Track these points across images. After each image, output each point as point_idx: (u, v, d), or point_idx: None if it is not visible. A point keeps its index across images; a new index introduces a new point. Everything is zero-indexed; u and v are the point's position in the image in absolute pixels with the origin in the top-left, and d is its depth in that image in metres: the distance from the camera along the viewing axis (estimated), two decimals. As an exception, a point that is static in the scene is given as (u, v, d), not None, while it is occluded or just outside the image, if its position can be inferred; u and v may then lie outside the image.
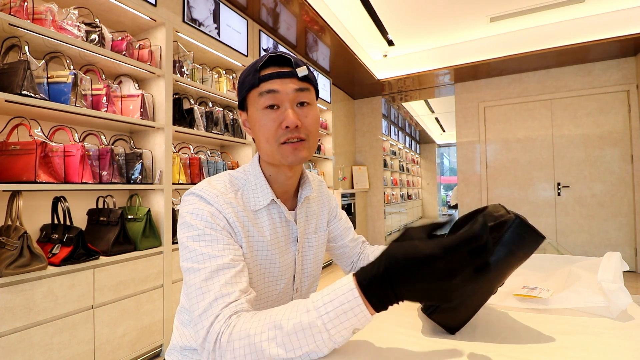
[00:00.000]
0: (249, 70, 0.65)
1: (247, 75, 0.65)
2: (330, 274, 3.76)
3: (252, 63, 0.67)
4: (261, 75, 0.62)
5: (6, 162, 1.36)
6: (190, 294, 0.53)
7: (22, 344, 1.26)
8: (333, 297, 0.44)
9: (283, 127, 0.62)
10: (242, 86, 0.66)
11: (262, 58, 0.64)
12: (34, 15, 1.44)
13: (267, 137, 0.63)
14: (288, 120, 0.61)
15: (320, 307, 0.44)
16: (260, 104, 0.63)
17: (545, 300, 0.63)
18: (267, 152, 0.65)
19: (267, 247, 0.66)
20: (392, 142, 6.86)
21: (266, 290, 0.67)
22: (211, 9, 2.36)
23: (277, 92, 0.62)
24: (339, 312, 0.43)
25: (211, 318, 0.49)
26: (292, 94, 0.62)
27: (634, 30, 3.23)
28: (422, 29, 3.61)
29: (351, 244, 0.87)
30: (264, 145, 0.64)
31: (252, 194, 0.67)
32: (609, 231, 3.79)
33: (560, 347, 0.47)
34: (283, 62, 0.64)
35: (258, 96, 0.63)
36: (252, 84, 0.63)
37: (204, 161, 2.27)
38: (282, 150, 0.63)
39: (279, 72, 0.62)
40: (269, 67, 0.63)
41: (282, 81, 0.62)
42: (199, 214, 0.59)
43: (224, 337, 0.47)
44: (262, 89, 0.62)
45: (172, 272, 1.90)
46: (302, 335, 0.43)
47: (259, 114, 0.63)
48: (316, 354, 0.44)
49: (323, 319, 0.43)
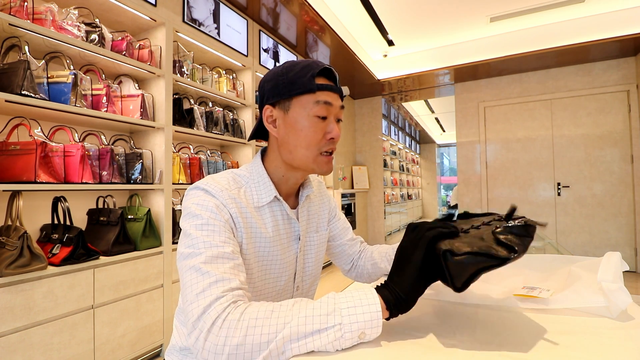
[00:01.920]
0: (301, 72, 0.64)
1: (300, 77, 0.63)
2: (330, 274, 3.76)
3: (300, 65, 0.65)
4: (319, 83, 0.63)
5: (6, 162, 1.36)
6: (188, 276, 0.52)
7: (22, 344, 1.26)
8: (359, 311, 0.47)
9: (327, 138, 0.65)
10: (292, 86, 0.64)
11: (315, 66, 0.64)
12: (34, 15, 1.44)
13: (308, 144, 0.65)
14: (334, 133, 0.66)
15: (343, 309, 0.47)
16: (313, 111, 0.63)
17: (545, 300, 0.63)
18: (302, 157, 0.66)
19: (269, 243, 0.66)
20: (392, 142, 6.86)
21: (266, 287, 0.67)
22: (211, 9, 2.36)
23: (330, 105, 0.65)
24: (360, 327, 0.46)
25: (211, 298, 0.48)
26: (338, 109, 0.67)
27: (634, 30, 3.23)
28: (422, 29, 3.61)
29: (349, 242, 0.88)
30: (302, 150, 0.65)
31: (255, 191, 0.67)
32: (609, 231, 3.79)
33: (560, 347, 0.47)
34: (332, 76, 0.67)
35: (314, 103, 0.63)
36: (308, 88, 0.63)
37: (204, 161, 2.27)
38: (319, 160, 0.66)
39: (333, 86, 0.65)
40: (322, 77, 0.65)
41: (333, 95, 0.65)
42: (204, 204, 0.59)
43: (232, 316, 0.46)
44: (319, 98, 0.63)
45: (172, 272, 1.90)
46: (317, 312, 0.47)
47: (308, 120, 0.64)
48: (325, 334, 0.45)
49: (341, 305, 0.47)
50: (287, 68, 0.66)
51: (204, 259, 0.52)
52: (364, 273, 0.86)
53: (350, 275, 0.89)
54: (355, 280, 0.89)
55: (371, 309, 0.47)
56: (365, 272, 0.85)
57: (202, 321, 0.46)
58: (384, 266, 0.81)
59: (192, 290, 0.50)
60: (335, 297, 0.49)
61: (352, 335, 0.45)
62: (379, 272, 0.82)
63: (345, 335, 0.45)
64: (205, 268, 0.51)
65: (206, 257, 0.53)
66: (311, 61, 0.66)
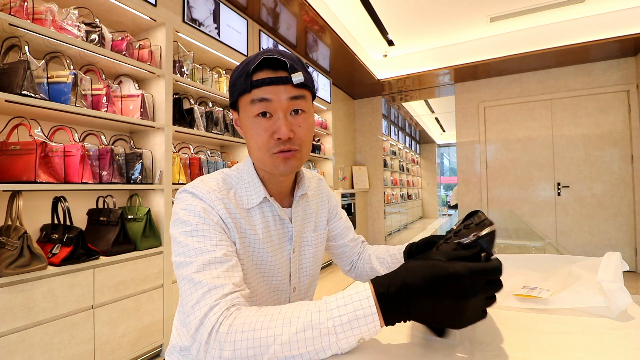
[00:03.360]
0: (241, 72, 0.61)
1: (239, 77, 0.61)
2: (330, 274, 3.75)
3: (244, 62, 0.61)
4: (253, 81, 0.58)
5: (6, 162, 1.36)
6: (182, 287, 0.52)
7: (22, 344, 1.26)
8: (348, 301, 0.44)
9: (275, 138, 0.60)
10: (233, 88, 0.62)
11: (255, 59, 0.59)
12: (34, 15, 1.44)
13: (258, 146, 0.61)
14: (280, 132, 0.58)
15: (333, 309, 0.44)
16: (251, 111, 0.60)
17: (545, 300, 0.63)
18: (258, 160, 0.64)
19: (260, 245, 0.65)
20: (392, 142, 6.86)
21: (261, 287, 0.67)
22: (211, 9, 2.36)
23: (269, 101, 0.58)
24: (351, 318, 0.43)
25: (205, 309, 0.48)
26: (285, 102, 0.59)
27: (634, 30, 3.23)
28: (422, 29, 3.61)
29: (351, 243, 0.87)
30: (256, 152, 0.63)
31: (245, 192, 0.66)
32: (609, 231, 3.79)
33: (560, 347, 0.47)
34: (277, 65, 0.59)
35: (250, 103, 0.59)
36: (243, 89, 0.59)
37: (204, 161, 2.27)
38: (273, 160, 0.62)
39: (273, 77, 0.58)
40: (262, 71, 0.59)
41: (275, 88, 0.58)
42: (192, 209, 0.59)
43: (222, 328, 0.46)
44: (253, 96, 0.59)
45: (172, 272, 1.90)
46: (309, 335, 0.43)
47: (250, 121, 0.60)
48: (317, 355, 0.44)
49: (334, 322, 0.43)
50: (235, 68, 0.63)
51: (196, 268, 0.52)
52: (363, 274, 0.85)
53: (350, 275, 0.89)
54: (356, 279, 0.89)
55: (360, 296, 0.44)
56: (364, 273, 0.85)
57: (199, 333, 0.47)
58: (382, 273, 0.80)
59: (187, 302, 0.50)
60: (327, 312, 0.45)
61: (349, 346, 0.44)
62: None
63: (343, 347, 0.44)
64: (197, 278, 0.51)
65: (197, 265, 0.52)
66: (254, 55, 0.60)
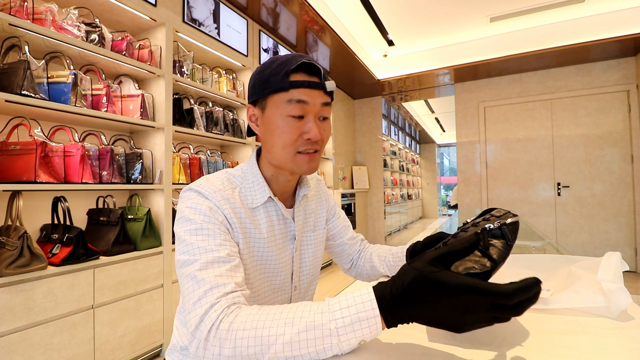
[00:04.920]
0: (276, 69, 0.61)
1: (274, 74, 0.61)
2: (330, 274, 3.75)
3: (278, 61, 0.62)
4: (292, 81, 0.59)
5: (6, 162, 1.36)
6: (184, 285, 0.53)
7: (22, 344, 1.26)
8: (351, 303, 0.44)
9: (304, 139, 0.61)
10: (266, 84, 0.62)
11: (293, 60, 0.60)
12: (34, 15, 1.44)
13: (284, 144, 0.62)
14: (312, 134, 0.61)
15: (335, 311, 0.44)
16: (286, 110, 0.60)
17: (545, 300, 0.63)
18: (279, 158, 0.64)
19: (264, 243, 0.66)
20: (392, 142, 6.86)
21: (263, 287, 0.67)
22: (211, 8, 2.36)
23: (306, 104, 0.60)
24: (353, 320, 0.43)
25: (206, 306, 0.48)
26: (318, 107, 0.61)
27: (634, 30, 3.23)
28: (422, 29, 3.61)
29: (350, 242, 0.88)
30: (279, 150, 0.63)
31: (250, 191, 0.67)
32: (609, 231, 3.79)
33: (560, 347, 0.47)
34: (312, 71, 0.61)
35: (286, 102, 0.60)
36: (280, 87, 0.60)
37: (204, 161, 2.27)
38: (297, 160, 0.63)
39: (310, 82, 0.60)
40: (299, 73, 0.60)
41: (311, 92, 0.60)
42: (197, 208, 0.59)
43: (223, 325, 0.46)
44: (292, 96, 0.60)
45: (172, 272, 1.90)
46: (311, 335, 0.43)
47: (282, 120, 0.61)
48: (317, 356, 0.44)
49: (337, 323, 0.43)
50: (265, 65, 0.64)
51: (199, 266, 0.53)
52: (363, 273, 0.86)
53: (350, 274, 0.90)
54: (356, 278, 0.89)
55: (363, 298, 0.45)
56: (364, 272, 0.85)
57: (199, 330, 0.47)
58: (383, 271, 0.81)
59: (189, 300, 0.51)
60: (330, 314, 0.45)
61: (350, 347, 0.44)
62: (378, 274, 0.83)
63: (344, 348, 0.44)
64: (200, 275, 0.52)
65: (201, 263, 0.53)
66: (291, 56, 0.62)
